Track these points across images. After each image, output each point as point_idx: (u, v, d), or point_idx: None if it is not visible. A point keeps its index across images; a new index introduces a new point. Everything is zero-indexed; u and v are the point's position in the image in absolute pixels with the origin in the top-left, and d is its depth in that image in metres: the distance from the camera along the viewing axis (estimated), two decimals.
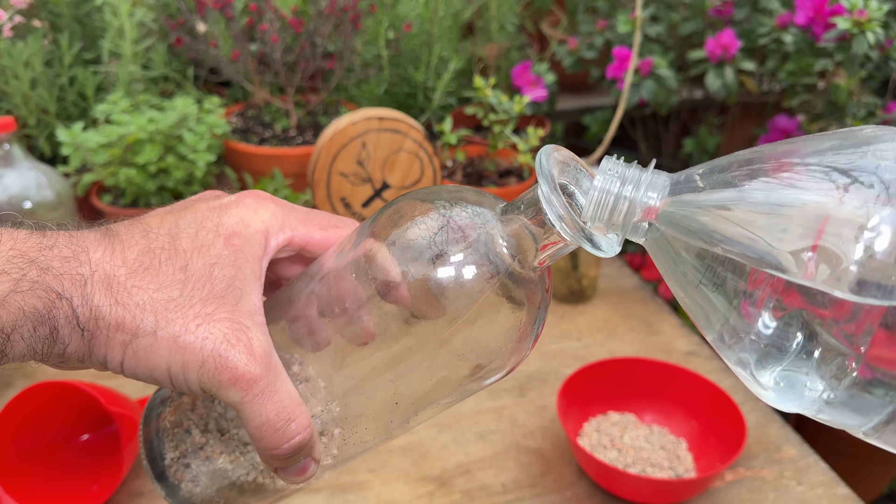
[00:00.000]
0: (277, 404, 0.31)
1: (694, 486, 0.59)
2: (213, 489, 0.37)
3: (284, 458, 0.32)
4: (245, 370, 0.30)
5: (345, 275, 0.34)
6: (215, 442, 0.36)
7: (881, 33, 0.80)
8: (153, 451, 0.37)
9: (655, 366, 0.69)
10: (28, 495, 0.56)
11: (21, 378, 0.71)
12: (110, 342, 0.30)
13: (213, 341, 0.30)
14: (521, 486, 0.63)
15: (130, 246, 0.32)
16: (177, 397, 0.37)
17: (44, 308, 0.28)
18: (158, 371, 0.30)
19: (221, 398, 0.31)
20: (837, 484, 0.65)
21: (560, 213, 0.29)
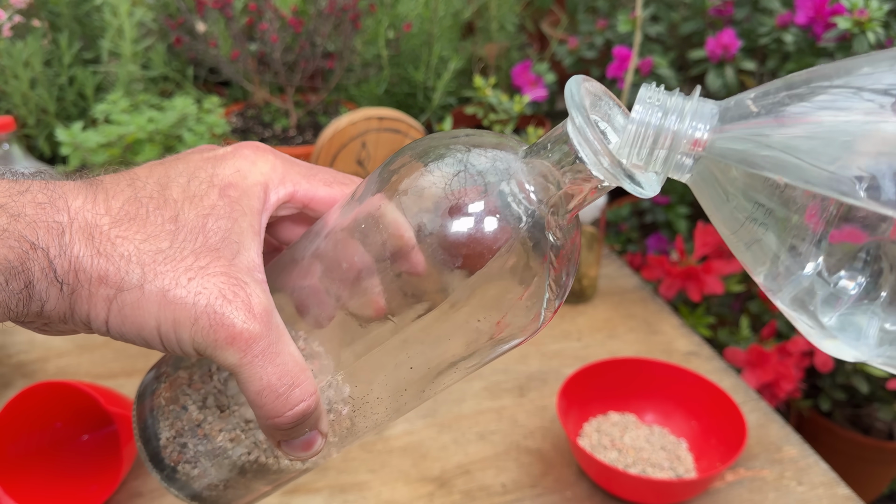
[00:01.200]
0: (279, 367, 0.28)
1: (694, 486, 0.59)
2: (212, 470, 0.34)
3: (288, 428, 0.29)
4: (243, 328, 0.27)
5: (349, 237, 0.30)
6: (214, 419, 0.33)
7: (882, 33, 0.80)
8: (147, 431, 0.34)
9: (656, 366, 0.69)
10: (27, 496, 0.55)
11: (20, 378, 0.71)
12: (93, 298, 0.27)
13: (208, 296, 0.27)
14: (521, 487, 0.63)
15: (115, 195, 0.29)
16: (172, 372, 0.35)
17: (16, 259, 0.25)
18: (147, 330, 0.28)
19: (217, 360, 0.28)
20: (838, 484, 0.65)
21: (596, 148, 0.26)
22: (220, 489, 0.35)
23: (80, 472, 0.60)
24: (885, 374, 0.82)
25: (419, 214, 0.28)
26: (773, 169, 0.24)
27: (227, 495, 0.35)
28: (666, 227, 1.03)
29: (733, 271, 0.88)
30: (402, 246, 0.28)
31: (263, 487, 0.36)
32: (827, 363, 0.79)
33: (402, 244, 0.28)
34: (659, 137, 0.26)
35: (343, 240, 0.31)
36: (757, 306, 0.90)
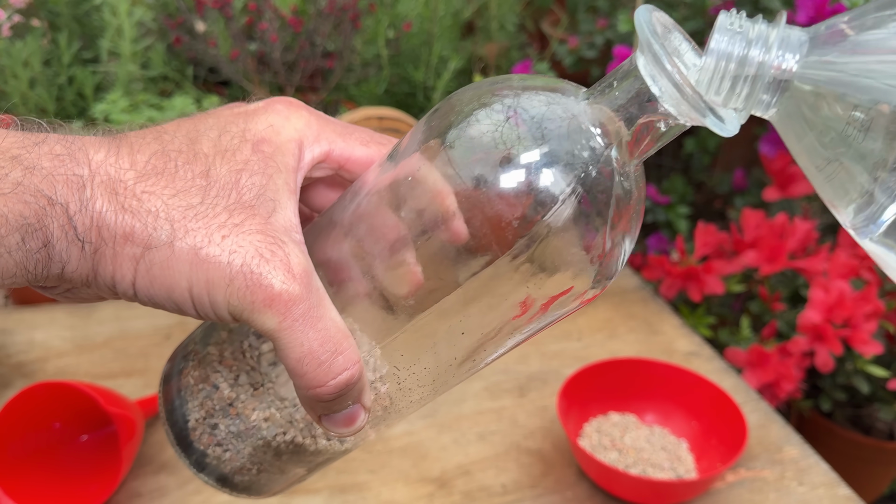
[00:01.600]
0: (321, 332, 0.26)
1: (695, 487, 0.59)
2: (244, 452, 0.32)
3: (330, 399, 0.27)
4: (282, 289, 0.25)
5: (385, 203, 0.28)
6: (247, 397, 0.31)
7: None
8: (175, 413, 0.32)
9: (656, 366, 0.68)
10: (27, 496, 0.55)
11: (20, 378, 0.71)
12: (118, 257, 0.25)
13: (243, 255, 0.25)
14: (521, 487, 0.63)
15: (140, 148, 0.26)
16: (201, 350, 0.32)
17: (32, 216, 0.23)
18: (178, 292, 0.25)
19: (255, 325, 0.25)
20: (839, 485, 0.65)
21: (675, 79, 0.23)
22: (253, 473, 0.33)
23: (80, 473, 0.60)
24: (885, 375, 0.82)
25: (470, 167, 0.25)
26: (875, 97, 0.21)
27: (261, 480, 0.33)
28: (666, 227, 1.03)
29: (734, 271, 0.87)
30: (443, 212, 0.26)
31: (299, 470, 0.34)
32: (828, 363, 0.79)
33: (442, 210, 0.26)
34: (742, 70, 0.23)
35: (379, 205, 0.28)
36: (757, 306, 0.90)
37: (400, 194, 0.27)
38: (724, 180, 1.03)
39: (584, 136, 0.25)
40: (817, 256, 0.84)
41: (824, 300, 0.79)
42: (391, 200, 0.28)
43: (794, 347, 0.81)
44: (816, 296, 0.79)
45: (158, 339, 0.79)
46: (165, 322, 0.81)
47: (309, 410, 0.28)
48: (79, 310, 0.82)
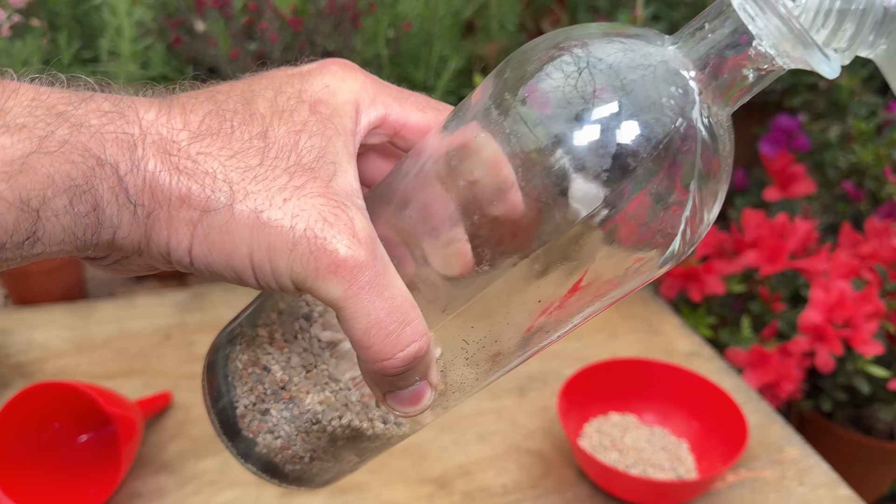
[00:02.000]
0: (389, 301, 0.24)
1: (695, 487, 0.59)
2: (297, 439, 0.30)
3: (397, 373, 0.25)
4: (348, 254, 0.23)
5: (437, 174, 0.26)
6: (300, 380, 0.29)
7: None
8: (221, 400, 0.30)
9: (657, 366, 0.68)
10: (26, 496, 0.55)
11: (19, 378, 0.71)
12: (173, 222, 0.23)
13: (306, 219, 0.23)
14: (521, 488, 0.63)
15: (193, 109, 0.25)
16: (249, 332, 0.31)
17: (80, 177, 0.22)
18: (238, 259, 0.24)
19: (318, 293, 0.24)
20: (839, 485, 0.64)
21: (781, 13, 0.21)
22: (306, 461, 0.31)
23: (79, 473, 0.60)
24: (886, 375, 0.82)
25: (545, 124, 0.23)
26: None
27: (313, 469, 0.32)
28: None
29: (734, 271, 0.87)
30: (500, 184, 0.24)
31: (352, 458, 0.32)
32: (828, 364, 0.79)
33: (499, 181, 0.24)
34: (849, 5, 0.21)
35: (432, 177, 0.26)
36: (758, 306, 0.90)
37: (454, 165, 0.25)
38: None
39: (672, 85, 0.23)
40: (818, 256, 0.84)
41: (825, 300, 0.79)
42: (445, 171, 0.26)
43: (795, 347, 0.80)
44: (817, 296, 0.79)
45: (158, 339, 0.78)
46: (165, 322, 0.81)
47: (373, 387, 0.27)
48: (78, 310, 0.82)
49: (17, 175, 0.21)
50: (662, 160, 0.23)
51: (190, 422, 0.68)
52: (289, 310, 0.30)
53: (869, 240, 0.87)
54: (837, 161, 0.95)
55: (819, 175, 0.97)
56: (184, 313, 0.83)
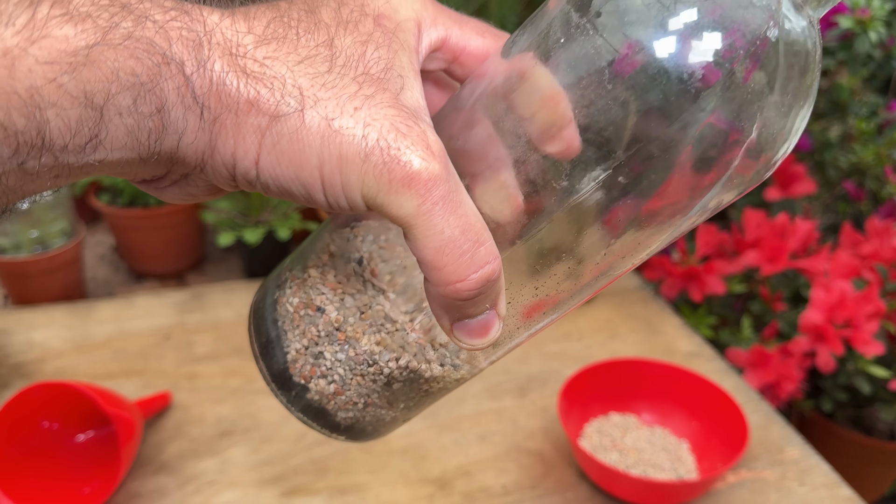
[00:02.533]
0: (462, 219, 0.23)
1: (695, 487, 0.59)
2: (352, 383, 0.29)
3: (469, 297, 0.24)
4: (423, 167, 0.22)
5: (487, 109, 0.25)
6: (356, 320, 0.28)
7: (884, 32, 0.80)
8: (271, 345, 0.29)
9: (657, 367, 0.68)
10: (25, 496, 0.55)
11: (18, 379, 0.71)
12: (241, 128, 0.22)
13: (379, 129, 0.22)
14: (521, 488, 0.63)
15: (256, 16, 0.24)
16: (300, 274, 0.30)
17: (145, 73, 0.20)
18: (307, 170, 0.22)
19: (390, 210, 0.22)
20: (840, 485, 0.64)
21: None
22: (359, 408, 0.30)
23: (79, 473, 0.60)
24: (887, 375, 0.82)
25: (622, 32, 0.22)
26: None
27: (366, 416, 0.30)
28: None
29: (735, 271, 0.87)
30: (556, 120, 0.23)
31: (407, 404, 0.31)
32: (829, 364, 0.79)
33: (556, 117, 0.23)
34: None
35: (487, 111, 0.25)
36: (759, 307, 0.90)
37: (510, 98, 0.24)
38: None
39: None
40: (818, 256, 0.84)
41: (825, 300, 0.79)
42: (501, 105, 0.25)
43: (796, 348, 0.80)
44: (817, 296, 0.79)
45: (157, 339, 0.78)
46: (164, 322, 0.81)
47: (441, 316, 0.25)
48: (78, 310, 0.82)
49: (81, 67, 0.19)
50: (751, 62, 0.22)
51: (189, 422, 0.68)
52: (340, 252, 0.29)
53: (870, 240, 0.87)
54: (838, 161, 0.94)
55: (820, 175, 0.97)
56: (183, 313, 0.83)
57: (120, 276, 1.00)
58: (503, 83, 0.25)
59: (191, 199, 0.25)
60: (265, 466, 0.63)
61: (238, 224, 0.89)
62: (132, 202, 0.91)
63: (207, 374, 0.74)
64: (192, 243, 0.99)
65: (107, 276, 1.00)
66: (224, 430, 0.67)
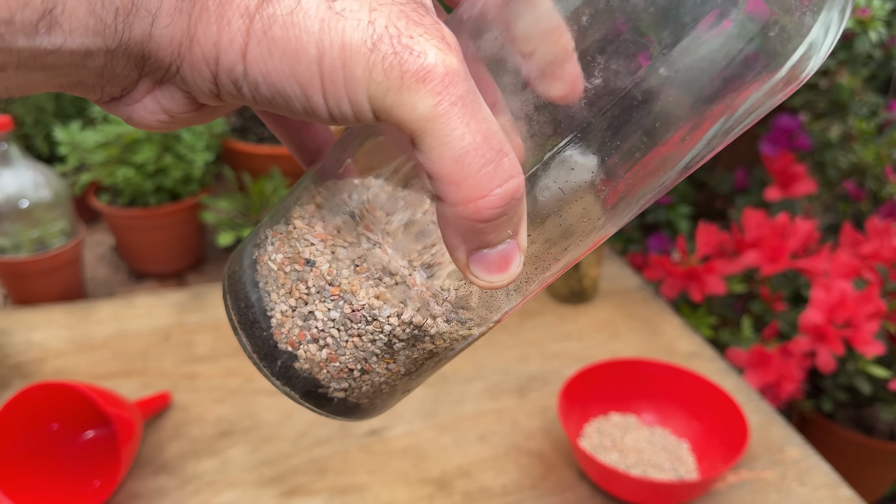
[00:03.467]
0: (484, 124, 0.19)
1: (696, 488, 0.59)
2: (347, 346, 0.25)
3: (491, 218, 0.20)
4: (440, 59, 0.18)
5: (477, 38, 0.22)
6: (350, 273, 0.25)
7: (884, 32, 0.80)
8: (252, 310, 0.26)
9: (657, 367, 0.68)
10: (25, 497, 0.55)
11: (18, 379, 0.71)
12: (225, 12, 0.18)
13: (387, 14, 0.19)
14: (521, 488, 0.63)
15: None
16: (283, 228, 0.26)
17: None
18: (304, 62, 0.19)
19: (401, 113, 0.19)
20: (840, 486, 0.64)
21: None
22: (355, 376, 0.26)
23: (79, 473, 0.60)
24: (887, 375, 0.82)
25: None
26: None
27: (363, 387, 0.27)
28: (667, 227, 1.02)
29: (735, 271, 0.87)
30: (558, 53, 0.21)
31: (409, 369, 0.27)
32: (829, 364, 0.79)
33: (556, 50, 0.21)
34: None
35: (482, 39, 0.22)
36: (759, 307, 0.90)
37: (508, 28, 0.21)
38: (726, 180, 1.03)
39: None
40: (819, 256, 0.84)
41: (826, 300, 0.79)
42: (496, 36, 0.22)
43: (796, 348, 0.80)
44: (818, 296, 0.79)
45: (157, 339, 0.78)
46: (164, 322, 0.81)
47: (457, 245, 0.21)
48: (77, 310, 0.82)
49: None
50: None
51: (189, 422, 0.68)
52: (328, 205, 0.26)
53: (870, 240, 0.87)
54: (838, 161, 0.94)
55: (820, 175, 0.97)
56: (183, 313, 0.83)
57: (120, 276, 1.00)
58: (504, 6, 0.22)
59: (166, 122, 0.22)
60: (265, 466, 0.63)
61: (238, 224, 0.89)
62: (132, 202, 0.91)
63: (207, 374, 0.74)
64: (192, 243, 0.99)
65: (106, 276, 0.99)
66: (224, 430, 0.67)
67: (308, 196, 0.27)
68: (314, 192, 0.27)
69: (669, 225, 1.03)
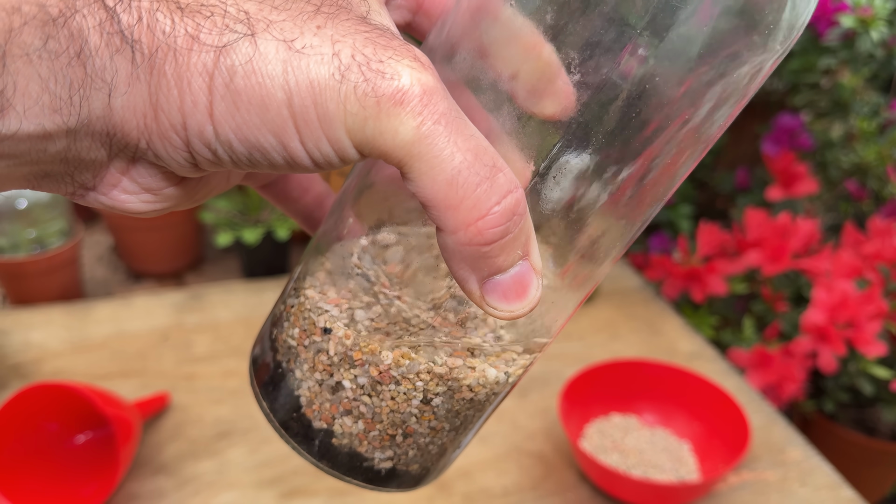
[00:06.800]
0: (472, 140, 0.18)
1: (697, 489, 0.59)
2: (384, 411, 0.24)
3: (494, 238, 0.19)
4: (414, 77, 0.18)
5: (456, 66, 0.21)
6: (370, 333, 0.24)
7: (885, 31, 0.79)
8: (278, 393, 0.25)
9: (658, 367, 0.68)
10: (24, 498, 0.55)
11: (16, 379, 0.71)
12: (183, 73, 0.17)
13: (351, 44, 0.18)
14: (521, 490, 0.62)
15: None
16: (294, 301, 0.25)
17: (55, 5, 0.16)
18: (273, 108, 0.18)
19: (384, 142, 0.18)
20: (841, 486, 0.64)
21: None
22: (398, 442, 0.25)
23: (77, 474, 0.59)
24: (889, 376, 0.81)
25: None
26: None
27: (409, 453, 0.25)
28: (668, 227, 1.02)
29: (736, 271, 0.87)
30: (544, 70, 0.20)
31: (453, 424, 0.25)
32: (831, 364, 0.79)
33: (540, 66, 0.20)
34: None
35: (462, 67, 0.21)
36: (760, 307, 0.89)
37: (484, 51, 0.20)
38: (727, 179, 1.03)
39: None
40: (820, 256, 0.84)
41: (827, 300, 0.78)
42: (475, 62, 0.21)
43: (798, 348, 0.80)
44: (819, 296, 0.79)
45: (156, 339, 0.78)
46: (163, 323, 0.81)
47: (467, 277, 0.20)
48: (76, 310, 0.82)
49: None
50: None
51: (188, 423, 0.67)
52: (338, 269, 0.25)
53: (871, 239, 0.87)
54: (840, 160, 0.94)
55: (822, 174, 0.96)
56: (182, 314, 0.82)
57: (118, 276, 0.99)
58: (475, 29, 0.21)
59: (152, 202, 0.21)
60: (264, 467, 0.63)
61: (236, 224, 0.89)
62: None
63: (206, 374, 0.73)
64: (191, 243, 0.99)
65: (105, 276, 0.99)
66: (223, 430, 0.67)
67: (316, 263, 0.26)
68: (322, 259, 0.26)
69: (670, 225, 1.02)
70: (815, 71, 0.92)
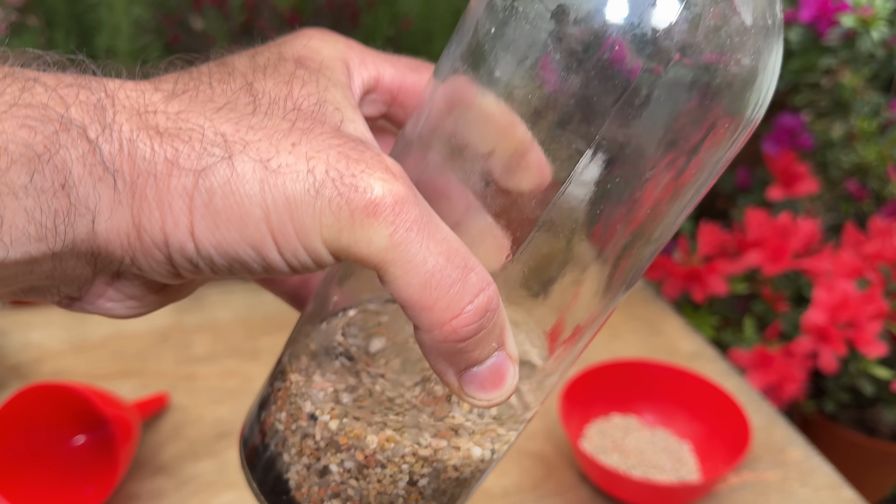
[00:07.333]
0: (444, 244, 0.19)
1: (697, 489, 0.59)
2: (371, 493, 0.24)
3: (469, 336, 0.20)
4: (386, 189, 0.19)
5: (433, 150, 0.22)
6: (349, 420, 0.24)
7: (886, 31, 0.79)
8: (268, 477, 0.25)
9: (659, 368, 0.68)
10: (22, 498, 0.55)
11: (15, 379, 0.71)
12: (164, 196, 0.18)
13: (325, 160, 0.19)
14: (522, 490, 0.62)
15: (162, 78, 0.21)
16: (280, 384, 0.26)
17: (41, 143, 0.17)
18: (252, 225, 0.19)
19: (358, 250, 0.19)
20: (842, 487, 0.64)
21: None
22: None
23: (76, 475, 0.59)
24: (890, 376, 0.81)
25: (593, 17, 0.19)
26: None
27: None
28: None
29: (737, 271, 0.87)
30: (517, 146, 0.21)
31: (440, 501, 0.26)
32: (832, 365, 0.79)
33: (514, 144, 0.21)
34: None
35: (439, 150, 0.22)
36: (761, 307, 0.89)
37: (458, 134, 0.21)
38: (727, 179, 1.03)
39: None
40: (821, 256, 0.83)
41: (828, 300, 0.78)
42: (450, 143, 0.22)
43: (798, 348, 0.80)
44: (820, 296, 0.79)
45: (155, 339, 0.78)
46: (163, 323, 0.81)
47: (445, 370, 0.21)
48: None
49: None
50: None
51: (187, 423, 0.67)
52: (323, 350, 0.26)
53: (872, 239, 0.87)
54: (840, 160, 0.94)
55: (822, 174, 0.96)
56: (182, 314, 0.82)
57: None
58: (449, 116, 0.22)
59: (136, 307, 0.22)
60: None
61: None
62: None
63: (205, 374, 0.73)
64: None
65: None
66: (222, 431, 0.67)
67: (301, 346, 0.27)
68: (307, 341, 0.26)
69: None
70: (815, 71, 0.92)
